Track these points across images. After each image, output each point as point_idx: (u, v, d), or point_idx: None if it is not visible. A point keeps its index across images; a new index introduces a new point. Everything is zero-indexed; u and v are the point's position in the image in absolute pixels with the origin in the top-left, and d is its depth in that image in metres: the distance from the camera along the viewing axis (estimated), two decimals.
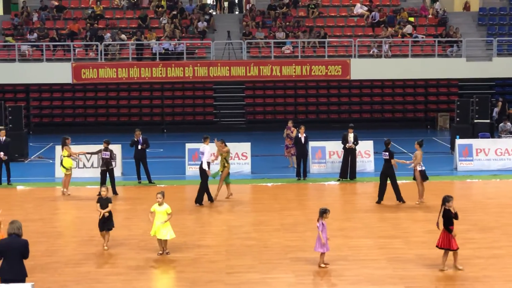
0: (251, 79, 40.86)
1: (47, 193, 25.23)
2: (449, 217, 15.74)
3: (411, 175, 23.22)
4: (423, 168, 22.62)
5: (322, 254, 16.29)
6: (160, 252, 17.27)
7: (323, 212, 16.16)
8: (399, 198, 22.73)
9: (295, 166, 27.39)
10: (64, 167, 24.95)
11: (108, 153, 24.41)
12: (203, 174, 22.81)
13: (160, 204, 17.13)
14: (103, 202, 17.74)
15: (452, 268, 15.96)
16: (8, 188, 25.80)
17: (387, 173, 22.76)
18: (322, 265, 16.25)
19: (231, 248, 17.93)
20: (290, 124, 29.38)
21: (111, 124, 41.07)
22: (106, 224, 17.78)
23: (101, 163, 25.06)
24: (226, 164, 23.47)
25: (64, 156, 24.98)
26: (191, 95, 42.17)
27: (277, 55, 41.31)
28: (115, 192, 24.40)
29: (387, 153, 22.64)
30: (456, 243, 15.85)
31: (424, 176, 22.65)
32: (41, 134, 39.65)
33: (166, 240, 17.27)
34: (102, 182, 24.18)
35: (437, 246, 16.04)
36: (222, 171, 23.58)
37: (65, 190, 24.71)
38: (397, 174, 23.21)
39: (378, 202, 22.75)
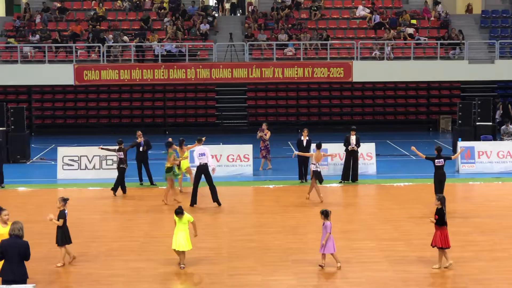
0: (253, 81, 40.83)
1: (49, 194, 25.22)
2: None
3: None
4: (318, 169, 23.24)
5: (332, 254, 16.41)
6: (182, 265, 16.48)
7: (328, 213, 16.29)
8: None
9: (266, 168, 28.72)
10: (179, 169, 24.83)
11: (122, 152, 24.65)
12: (208, 173, 22.82)
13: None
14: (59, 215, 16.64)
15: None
16: (9, 190, 25.77)
17: (441, 179, 22.04)
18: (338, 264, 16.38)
19: (232, 250, 17.91)
20: (264, 126, 29.38)
21: (113, 125, 41.09)
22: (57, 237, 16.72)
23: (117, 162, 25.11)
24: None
25: (182, 158, 24.89)
26: (193, 96, 42.18)
27: (279, 57, 41.28)
28: (115, 192, 24.45)
29: (442, 160, 21.99)
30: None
31: (319, 177, 23.26)
32: (43, 135, 39.70)
33: (184, 252, 16.47)
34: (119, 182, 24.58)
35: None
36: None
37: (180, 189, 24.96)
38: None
39: None
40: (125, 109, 41.92)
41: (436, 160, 21.91)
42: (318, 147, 23.70)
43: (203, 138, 23.31)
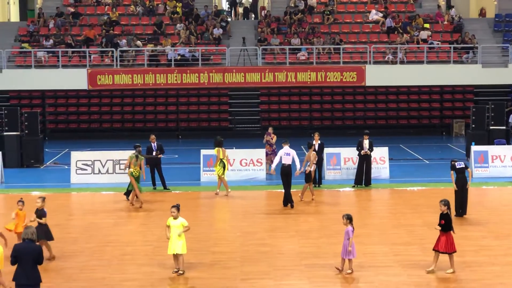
0: (266, 85, 40.85)
1: (62, 198, 25.31)
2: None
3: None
4: (311, 169, 23.99)
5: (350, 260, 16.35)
6: (176, 270, 16.41)
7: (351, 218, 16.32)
8: (464, 211, 21.60)
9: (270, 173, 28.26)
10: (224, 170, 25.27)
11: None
12: (290, 173, 23.39)
13: (175, 218, 16.28)
14: (39, 214, 17.43)
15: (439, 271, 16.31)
16: (22, 194, 25.80)
17: (463, 183, 21.52)
18: (349, 271, 16.30)
19: (245, 254, 17.91)
20: (270, 130, 29.41)
21: (126, 130, 41.21)
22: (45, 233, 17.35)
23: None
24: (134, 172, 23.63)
25: (222, 159, 25.22)
26: (206, 101, 42.23)
27: (292, 61, 41.30)
28: (128, 196, 24.42)
29: (462, 162, 21.73)
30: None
31: (308, 178, 24.00)
32: (57, 139, 39.80)
33: (181, 256, 16.38)
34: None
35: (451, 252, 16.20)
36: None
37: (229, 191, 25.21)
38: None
39: (461, 215, 21.44)
40: (138, 113, 42.00)
41: (456, 163, 21.56)
42: (309, 146, 24.77)
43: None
